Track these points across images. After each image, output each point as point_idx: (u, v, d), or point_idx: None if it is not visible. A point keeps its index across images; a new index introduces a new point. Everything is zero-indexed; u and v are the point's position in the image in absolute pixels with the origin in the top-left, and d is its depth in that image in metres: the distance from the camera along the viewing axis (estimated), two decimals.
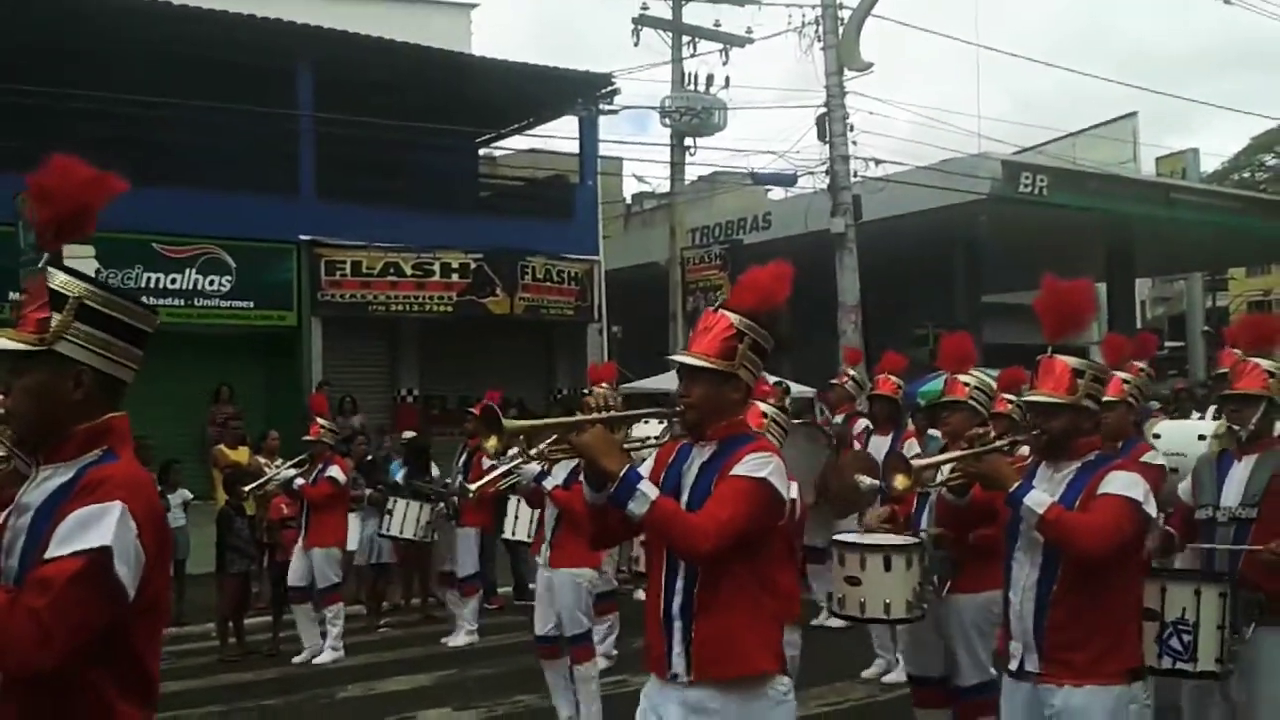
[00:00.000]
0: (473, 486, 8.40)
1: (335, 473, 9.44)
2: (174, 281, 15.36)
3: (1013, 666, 3.92)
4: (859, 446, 8.82)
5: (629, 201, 30.07)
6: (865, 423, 9.25)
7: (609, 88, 19.36)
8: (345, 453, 10.97)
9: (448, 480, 10.73)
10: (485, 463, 8.52)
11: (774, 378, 9.68)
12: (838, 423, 9.64)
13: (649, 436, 6.04)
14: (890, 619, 5.50)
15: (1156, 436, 6.40)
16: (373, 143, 16.66)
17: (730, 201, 26.00)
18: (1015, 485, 3.83)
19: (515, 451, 6.65)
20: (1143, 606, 4.08)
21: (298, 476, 9.57)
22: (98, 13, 14.76)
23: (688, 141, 21.58)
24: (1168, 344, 33.91)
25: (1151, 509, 3.86)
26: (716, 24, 21.56)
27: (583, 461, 3.30)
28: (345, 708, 8.14)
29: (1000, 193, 19.99)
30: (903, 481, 4.41)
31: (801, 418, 9.07)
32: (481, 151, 22.20)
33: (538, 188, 21.25)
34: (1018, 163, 21.48)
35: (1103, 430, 4.43)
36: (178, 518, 10.79)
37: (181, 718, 7.66)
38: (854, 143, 18.35)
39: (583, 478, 3.34)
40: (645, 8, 21.25)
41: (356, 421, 14.53)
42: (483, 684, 8.55)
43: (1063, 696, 3.74)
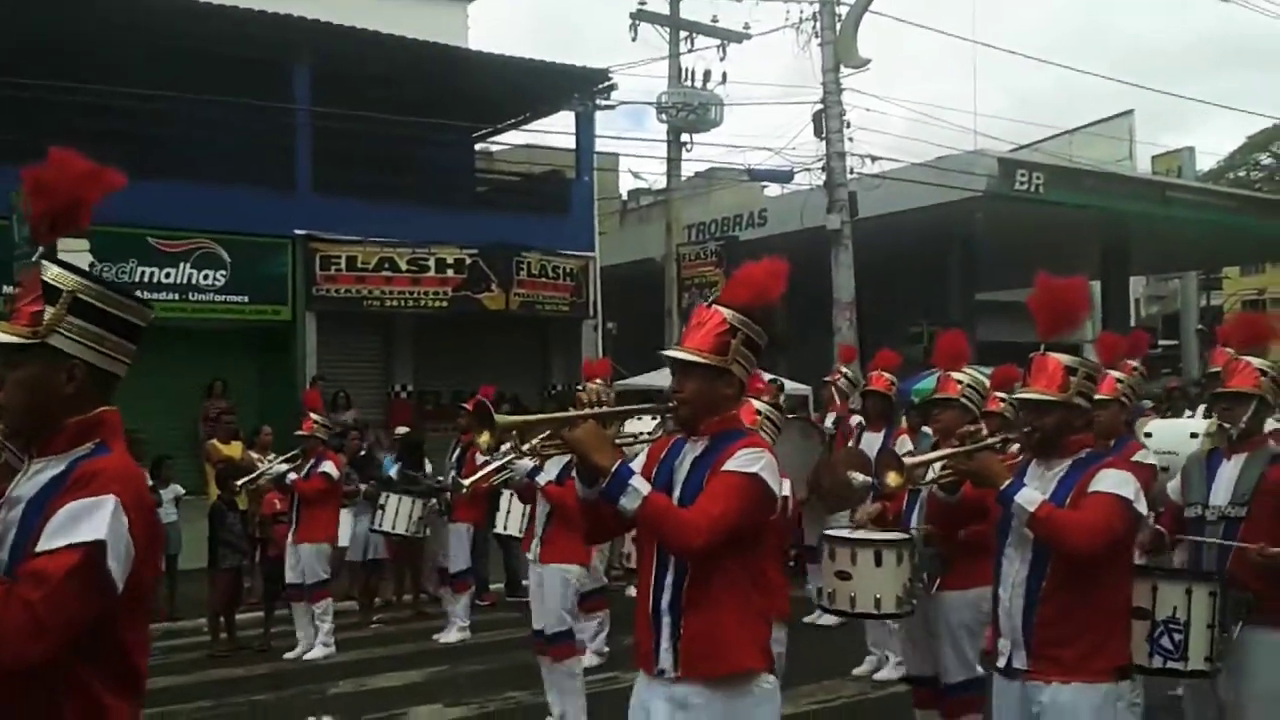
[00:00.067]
0: (466, 482, 8.44)
1: (328, 468, 9.41)
2: (168, 275, 15.29)
3: (1001, 663, 3.93)
4: (851, 443, 8.83)
5: (625, 197, 30.08)
6: (858, 419, 9.26)
7: (606, 83, 19.26)
8: (338, 448, 10.95)
9: (440, 476, 10.74)
10: (479, 458, 8.53)
11: (768, 374, 9.67)
12: (828, 427, 9.63)
13: (642, 432, 6.03)
14: (880, 614, 5.53)
15: (1148, 435, 6.43)
16: (369, 137, 16.59)
17: (726, 198, 26.00)
18: (1006, 483, 3.84)
19: (508, 447, 6.67)
20: (1133, 605, 4.09)
21: (290, 471, 9.56)
22: (94, 6, 14.70)
23: (684, 137, 21.59)
24: (1161, 342, 33.92)
25: (1142, 507, 3.88)
26: (714, 19, 21.56)
27: (575, 457, 3.31)
28: (336, 703, 8.12)
29: (996, 190, 19.97)
30: (895, 478, 4.44)
31: (796, 414, 9.09)
32: (478, 147, 22.14)
33: (534, 183, 21.20)
34: (1014, 160, 21.45)
35: (1095, 429, 4.44)
36: (170, 513, 10.79)
37: (172, 713, 7.64)
38: (850, 139, 18.36)
39: (575, 473, 3.34)
40: (643, 3, 21.24)
41: (350, 417, 14.51)
42: (474, 680, 8.55)
43: (1050, 693, 3.75)
